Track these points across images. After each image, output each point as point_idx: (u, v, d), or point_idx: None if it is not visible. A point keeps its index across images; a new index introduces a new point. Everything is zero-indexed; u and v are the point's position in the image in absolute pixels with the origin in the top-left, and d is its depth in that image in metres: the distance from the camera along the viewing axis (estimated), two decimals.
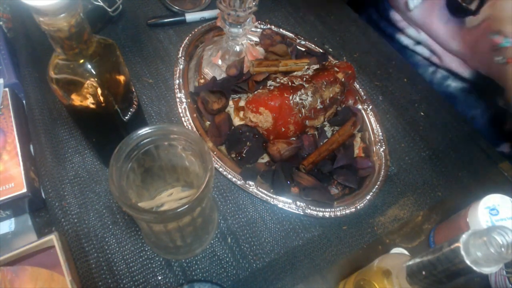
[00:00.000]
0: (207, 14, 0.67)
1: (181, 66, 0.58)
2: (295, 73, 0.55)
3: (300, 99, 0.50)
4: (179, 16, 0.66)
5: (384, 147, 0.56)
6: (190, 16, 0.66)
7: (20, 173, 0.46)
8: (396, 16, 0.75)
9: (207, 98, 0.54)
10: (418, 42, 0.73)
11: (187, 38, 0.62)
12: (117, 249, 0.46)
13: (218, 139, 0.52)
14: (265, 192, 0.49)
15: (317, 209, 0.49)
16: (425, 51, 0.72)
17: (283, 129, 0.50)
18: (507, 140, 0.68)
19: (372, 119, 0.58)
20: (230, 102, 0.55)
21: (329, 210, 0.49)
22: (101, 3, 0.58)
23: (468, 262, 0.25)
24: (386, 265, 0.35)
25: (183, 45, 0.61)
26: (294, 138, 0.52)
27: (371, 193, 0.51)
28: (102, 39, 0.37)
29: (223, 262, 0.46)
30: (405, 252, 0.49)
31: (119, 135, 0.44)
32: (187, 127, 0.53)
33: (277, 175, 0.49)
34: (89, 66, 0.35)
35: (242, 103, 0.54)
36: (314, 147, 0.52)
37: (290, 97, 0.49)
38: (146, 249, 0.46)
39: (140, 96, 0.58)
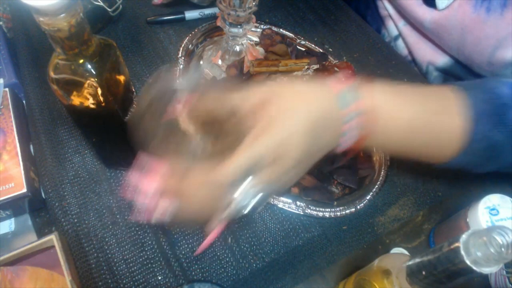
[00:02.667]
0: (206, 10, 0.67)
1: (181, 66, 0.58)
2: (295, 73, 0.55)
3: None
4: (178, 14, 0.66)
5: None
6: (189, 14, 0.67)
7: (20, 173, 0.46)
8: (379, 3, 0.73)
9: None
10: (397, 36, 0.72)
11: (187, 38, 0.62)
12: (117, 249, 0.46)
13: None
14: None
15: (317, 209, 0.49)
16: (401, 46, 0.72)
17: None
18: None
19: None
20: None
21: (329, 210, 0.49)
22: (101, 3, 0.58)
23: (468, 262, 0.25)
24: (386, 265, 0.35)
25: (183, 45, 0.61)
26: None
27: (371, 193, 0.51)
28: (102, 39, 0.37)
29: (223, 262, 0.46)
30: (405, 252, 0.49)
31: (119, 135, 0.44)
32: None
33: None
34: (89, 66, 0.35)
35: None
36: None
37: None
38: (146, 249, 0.46)
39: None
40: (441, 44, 0.65)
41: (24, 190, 0.45)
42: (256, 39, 0.64)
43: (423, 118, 0.38)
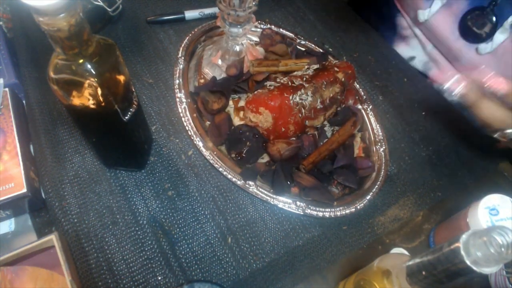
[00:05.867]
0: (206, 10, 0.67)
1: (181, 66, 0.58)
2: (295, 73, 0.55)
3: (300, 99, 0.50)
4: (178, 14, 0.66)
5: (384, 147, 0.56)
6: (189, 14, 0.67)
7: (20, 173, 0.46)
8: (403, 22, 0.72)
9: (207, 98, 0.54)
10: (413, 57, 0.71)
11: (187, 38, 0.62)
12: (117, 249, 0.46)
13: (218, 139, 0.52)
14: (265, 192, 0.49)
15: (317, 209, 0.49)
16: (419, 65, 0.71)
17: (283, 129, 0.50)
18: None
19: (372, 119, 0.58)
20: (230, 102, 0.55)
21: (329, 210, 0.49)
22: (101, 3, 0.58)
23: (468, 262, 0.25)
24: (386, 265, 0.35)
25: (183, 45, 0.61)
26: (294, 138, 0.52)
27: (371, 193, 0.51)
28: (102, 39, 0.37)
29: (223, 262, 0.46)
30: (405, 252, 0.49)
31: (119, 135, 0.44)
32: (187, 127, 0.53)
33: (277, 175, 0.49)
34: (89, 66, 0.35)
35: (242, 103, 0.54)
36: (314, 147, 0.52)
37: (290, 97, 0.49)
38: (146, 249, 0.46)
39: (140, 96, 0.58)
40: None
41: (24, 190, 0.45)
42: (256, 39, 0.64)
43: None
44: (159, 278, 0.44)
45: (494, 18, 0.57)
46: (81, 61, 0.34)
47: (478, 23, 0.58)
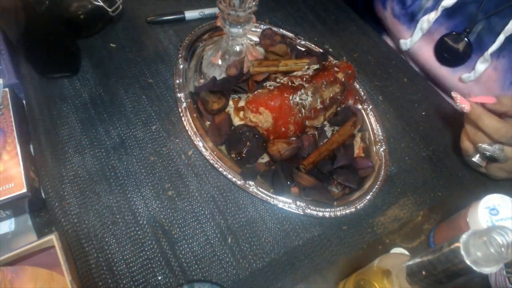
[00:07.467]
0: (206, 10, 0.67)
1: (181, 66, 0.58)
2: (295, 73, 0.55)
3: (300, 99, 0.50)
4: (178, 14, 0.66)
5: (384, 147, 0.56)
6: (189, 14, 0.67)
7: (20, 173, 0.46)
8: (388, 41, 0.73)
9: (207, 98, 0.54)
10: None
11: (187, 38, 0.62)
12: (117, 249, 0.46)
13: (218, 139, 0.52)
14: (265, 192, 0.49)
15: (317, 209, 0.49)
16: None
17: (283, 129, 0.50)
18: None
19: (372, 119, 0.58)
20: (230, 102, 0.55)
21: (329, 210, 0.49)
22: (101, 3, 0.58)
23: (468, 262, 0.25)
24: (386, 265, 0.35)
25: (183, 45, 0.61)
26: (294, 138, 0.52)
27: (371, 193, 0.51)
28: None
29: (223, 262, 0.46)
30: (405, 252, 0.49)
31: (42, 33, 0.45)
32: (187, 127, 0.53)
33: (277, 175, 0.49)
34: None
35: (242, 103, 0.54)
36: (314, 147, 0.52)
37: (290, 97, 0.49)
38: (146, 249, 0.46)
39: (140, 96, 0.58)
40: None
41: (24, 190, 0.45)
42: (256, 39, 0.64)
43: None
44: (159, 278, 0.44)
45: (467, 44, 0.57)
46: None
47: (451, 48, 0.59)
